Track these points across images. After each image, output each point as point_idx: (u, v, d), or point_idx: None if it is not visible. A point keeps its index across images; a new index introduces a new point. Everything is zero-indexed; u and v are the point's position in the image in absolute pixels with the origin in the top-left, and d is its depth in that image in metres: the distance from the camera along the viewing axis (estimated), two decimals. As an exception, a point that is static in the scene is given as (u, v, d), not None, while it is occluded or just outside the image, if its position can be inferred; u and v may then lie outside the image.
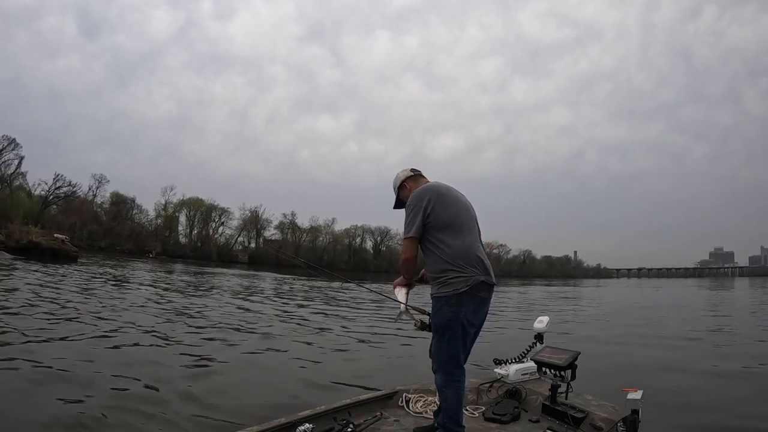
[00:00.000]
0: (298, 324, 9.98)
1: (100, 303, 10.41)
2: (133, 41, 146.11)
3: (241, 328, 8.81)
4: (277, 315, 11.35)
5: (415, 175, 2.85)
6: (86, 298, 11.07)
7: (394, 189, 2.89)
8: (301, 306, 14.19)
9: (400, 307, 2.78)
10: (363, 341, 8.40)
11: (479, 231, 2.70)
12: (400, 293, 2.78)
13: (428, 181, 2.79)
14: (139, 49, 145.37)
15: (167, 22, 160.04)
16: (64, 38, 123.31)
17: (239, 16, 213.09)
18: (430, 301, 2.59)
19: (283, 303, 14.83)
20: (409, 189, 2.76)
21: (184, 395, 4.50)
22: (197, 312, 10.65)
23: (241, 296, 16.17)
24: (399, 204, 2.87)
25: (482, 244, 2.68)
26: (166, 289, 16.10)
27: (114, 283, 16.41)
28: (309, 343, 7.72)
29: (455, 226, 2.53)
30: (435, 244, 2.51)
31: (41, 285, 13.05)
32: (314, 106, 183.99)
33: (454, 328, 2.42)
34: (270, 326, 9.33)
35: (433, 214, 2.51)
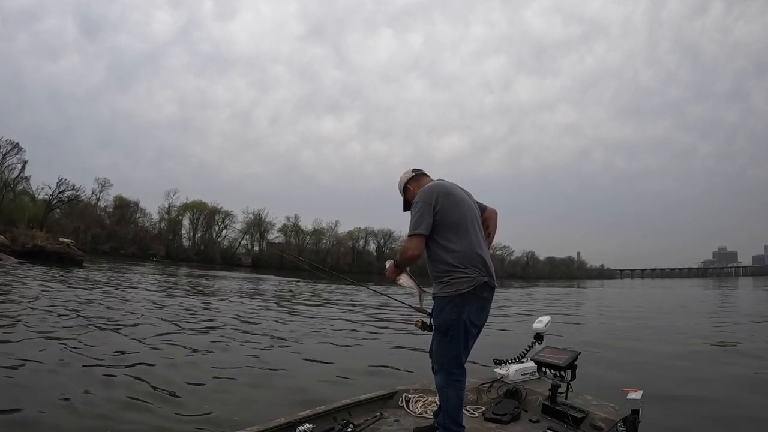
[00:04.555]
0: (300, 325, 9.99)
1: (116, 307, 10.48)
2: (135, 42, 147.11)
3: (243, 328, 8.83)
4: (278, 316, 11.38)
5: (417, 175, 2.81)
6: (104, 302, 11.14)
7: (401, 191, 2.86)
8: (304, 307, 14.20)
9: (415, 292, 2.74)
10: (363, 341, 8.42)
11: (483, 231, 2.68)
12: (406, 279, 2.72)
13: (431, 180, 2.76)
14: (141, 50, 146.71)
15: (168, 23, 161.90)
16: (64, 39, 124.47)
17: (240, 16, 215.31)
18: (431, 301, 2.60)
19: (286, 305, 14.86)
20: (413, 190, 2.72)
21: (189, 394, 4.54)
22: (205, 314, 10.71)
23: (246, 298, 16.22)
24: (408, 206, 2.80)
25: (486, 245, 2.65)
26: (174, 293, 16.15)
27: (123, 287, 16.47)
28: (310, 344, 7.74)
29: (461, 226, 2.50)
30: (439, 244, 2.48)
31: (65, 292, 13.13)
32: (317, 107, 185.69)
33: (456, 329, 2.42)
34: (270, 327, 9.36)
35: (441, 212, 2.47)
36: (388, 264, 2.74)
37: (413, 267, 2.74)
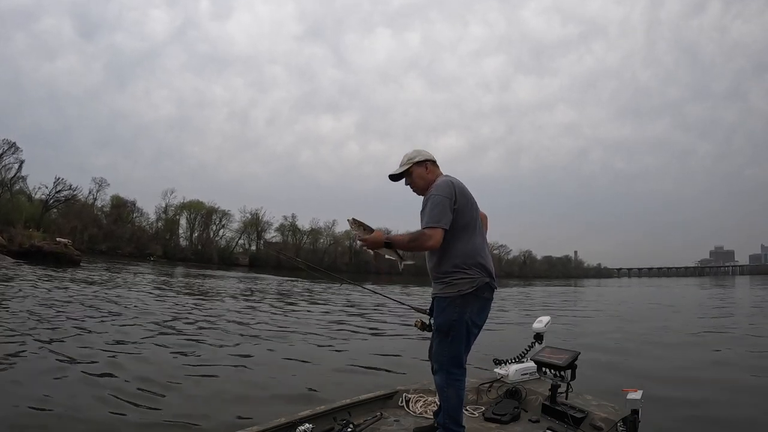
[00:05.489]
0: (298, 324, 9.97)
1: (111, 306, 10.44)
2: (132, 41, 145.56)
3: (239, 328, 8.81)
4: (275, 315, 11.36)
5: (436, 163, 2.71)
6: (98, 301, 11.10)
7: (411, 160, 2.64)
8: (301, 307, 14.19)
9: (394, 259, 2.64)
10: (363, 341, 8.41)
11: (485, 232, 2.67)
12: (389, 252, 2.60)
13: (442, 174, 2.68)
14: (138, 49, 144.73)
15: (165, 22, 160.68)
16: (62, 39, 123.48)
17: (237, 16, 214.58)
18: (430, 301, 2.59)
19: (282, 304, 14.84)
20: (429, 171, 2.62)
21: (188, 393, 4.53)
22: (201, 313, 10.68)
23: (243, 298, 16.19)
24: (397, 177, 2.68)
25: (488, 246, 2.65)
26: (169, 292, 16.11)
27: (119, 286, 16.41)
28: (310, 344, 7.73)
29: (470, 227, 2.50)
30: (447, 242, 2.44)
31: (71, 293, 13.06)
32: (315, 107, 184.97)
33: (458, 329, 2.42)
34: (267, 326, 9.34)
35: (457, 211, 2.45)
36: (356, 229, 2.55)
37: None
